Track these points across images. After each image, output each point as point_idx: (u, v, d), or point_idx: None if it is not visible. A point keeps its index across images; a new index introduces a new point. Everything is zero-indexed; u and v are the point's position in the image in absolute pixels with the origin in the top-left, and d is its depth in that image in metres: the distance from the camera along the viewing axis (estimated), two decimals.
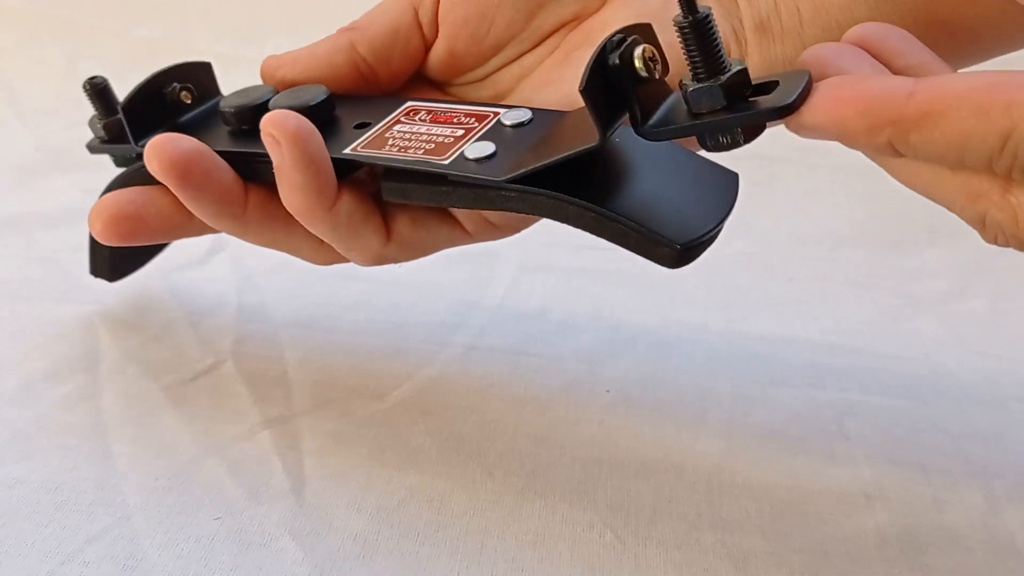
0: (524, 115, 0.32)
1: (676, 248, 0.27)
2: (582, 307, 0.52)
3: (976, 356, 0.49)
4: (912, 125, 0.24)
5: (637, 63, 0.27)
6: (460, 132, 0.32)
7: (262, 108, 0.33)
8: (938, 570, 0.33)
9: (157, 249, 0.48)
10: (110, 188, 0.38)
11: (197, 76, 0.38)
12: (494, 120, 0.32)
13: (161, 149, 0.31)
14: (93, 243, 0.46)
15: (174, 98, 0.37)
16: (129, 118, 0.35)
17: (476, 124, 0.32)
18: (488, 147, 0.30)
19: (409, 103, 0.34)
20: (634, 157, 0.31)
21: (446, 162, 0.30)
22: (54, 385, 0.40)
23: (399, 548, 0.32)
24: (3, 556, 0.30)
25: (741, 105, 0.26)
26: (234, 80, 0.39)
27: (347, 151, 0.32)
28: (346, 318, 0.49)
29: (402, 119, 0.33)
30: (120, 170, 0.39)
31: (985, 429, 0.42)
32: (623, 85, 0.27)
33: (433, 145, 0.31)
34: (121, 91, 0.37)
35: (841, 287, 0.58)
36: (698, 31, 0.26)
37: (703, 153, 0.29)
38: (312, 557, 0.31)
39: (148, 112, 0.36)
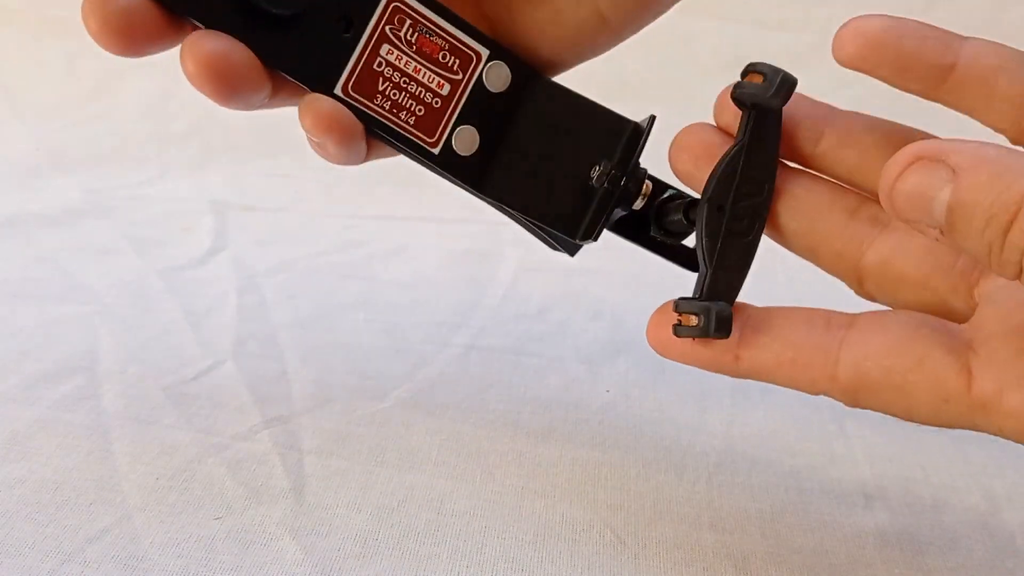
0: (503, 79, 0.32)
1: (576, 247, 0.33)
2: (582, 307, 0.52)
3: None
4: (860, 394, 0.23)
5: (638, 201, 0.32)
6: (447, 90, 0.32)
7: None
8: (938, 570, 0.33)
9: None
10: None
11: None
12: (476, 75, 0.32)
13: (200, 54, 0.27)
14: None
15: None
16: None
17: (460, 77, 0.32)
18: (473, 138, 0.32)
19: None
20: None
21: (436, 151, 0.32)
22: (54, 385, 0.40)
23: (399, 548, 0.32)
24: (3, 556, 0.30)
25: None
26: None
27: (339, 87, 0.31)
28: (346, 318, 0.49)
29: (388, 32, 0.32)
30: None
31: None
32: (614, 200, 0.30)
33: (423, 110, 0.32)
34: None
35: (843, 286, 0.58)
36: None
37: None
38: (312, 557, 0.31)
39: None
